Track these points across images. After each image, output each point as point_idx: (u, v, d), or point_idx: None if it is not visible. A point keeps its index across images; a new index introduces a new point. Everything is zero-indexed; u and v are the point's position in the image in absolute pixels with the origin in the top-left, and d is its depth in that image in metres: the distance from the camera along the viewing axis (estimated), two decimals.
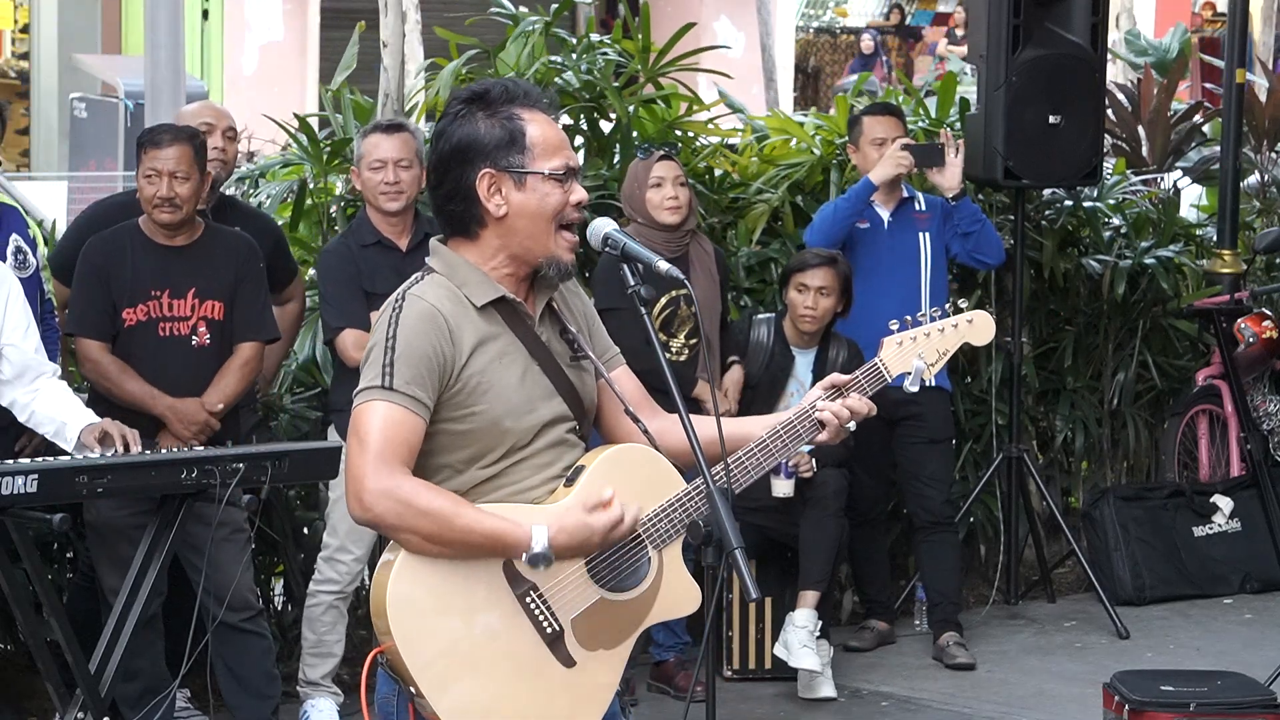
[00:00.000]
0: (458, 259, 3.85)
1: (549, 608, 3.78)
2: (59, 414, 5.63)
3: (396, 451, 3.70)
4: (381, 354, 3.74)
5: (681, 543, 3.91)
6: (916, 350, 4.14)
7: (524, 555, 3.72)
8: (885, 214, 7.72)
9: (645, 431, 3.93)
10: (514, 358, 3.83)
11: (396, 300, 3.81)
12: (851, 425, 4.02)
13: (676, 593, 3.91)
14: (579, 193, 3.85)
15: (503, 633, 3.75)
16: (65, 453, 5.67)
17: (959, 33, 25.30)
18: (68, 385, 5.81)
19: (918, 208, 7.78)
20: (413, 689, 3.73)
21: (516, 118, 3.81)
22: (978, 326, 4.21)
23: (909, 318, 4.19)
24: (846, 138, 8.21)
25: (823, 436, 4.00)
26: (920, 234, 7.72)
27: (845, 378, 4.05)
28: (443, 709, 3.71)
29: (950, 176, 7.71)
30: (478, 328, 3.80)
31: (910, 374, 4.12)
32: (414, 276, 3.87)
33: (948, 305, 4.30)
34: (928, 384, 4.20)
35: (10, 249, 6.25)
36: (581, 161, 8.05)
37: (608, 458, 3.88)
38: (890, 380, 4.12)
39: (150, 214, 6.26)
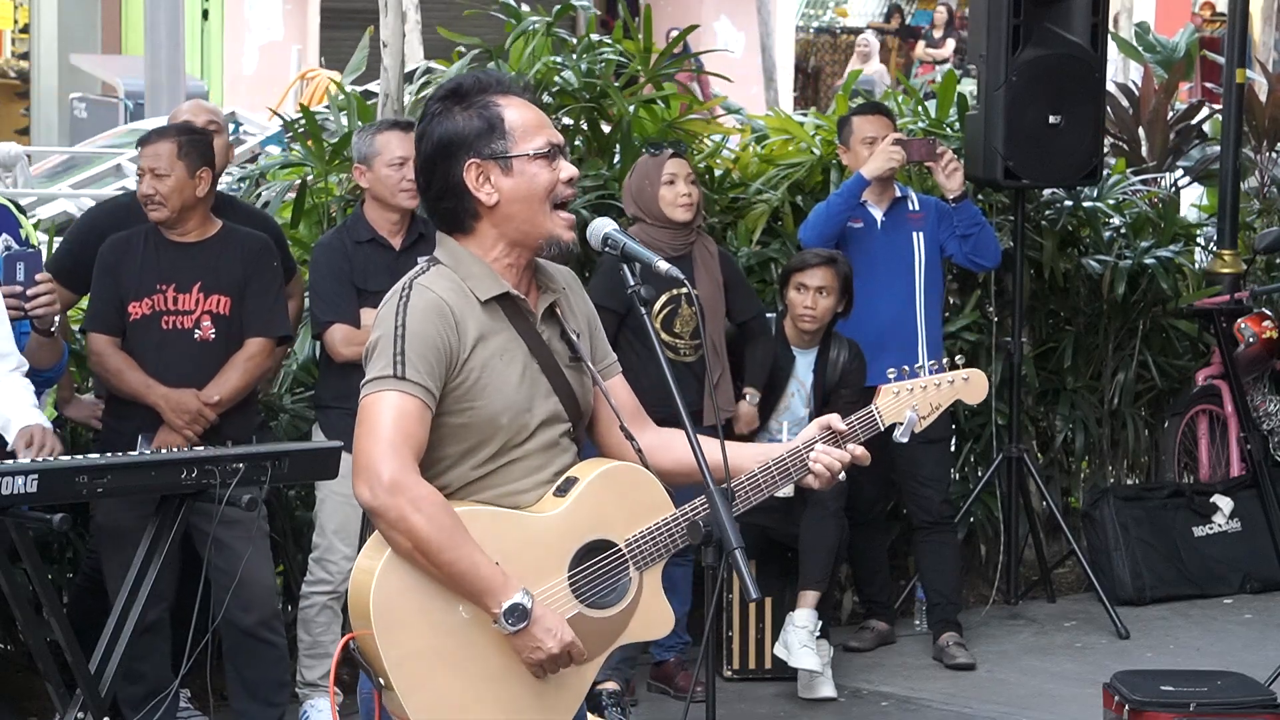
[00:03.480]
0: (463, 251, 3.85)
1: None
2: (4, 409, 5.61)
3: (408, 443, 3.69)
4: (391, 343, 3.73)
5: (662, 567, 3.91)
6: (911, 402, 4.15)
7: (503, 603, 3.68)
8: (878, 213, 7.71)
9: (639, 451, 3.92)
10: (514, 354, 3.83)
11: (403, 289, 3.80)
12: (842, 475, 4.03)
13: (652, 615, 3.91)
14: (568, 169, 3.85)
15: (479, 636, 3.75)
16: (66, 452, 5.67)
17: (937, 34, 25.26)
18: (28, 383, 5.77)
19: (911, 207, 7.78)
20: (382, 680, 3.72)
21: (493, 105, 3.81)
22: (972, 385, 4.24)
23: (906, 367, 4.21)
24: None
25: (811, 481, 4.01)
26: (914, 234, 7.72)
27: (843, 425, 4.04)
28: (411, 705, 3.71)
29: (954, 179, 7.71)
30: (480, 322, 3.80)
31: (902, 425, 4.14)
32: (418, 266, 3.87)
33: (944, 360, 4.31)
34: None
35: (0, 247, 6.24)
36: (582, 162, 8.06)
37: (602, 475, 3.87)
38: (881, 429, 4.12)
39: (145, 212, 6.31)
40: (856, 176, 7.58)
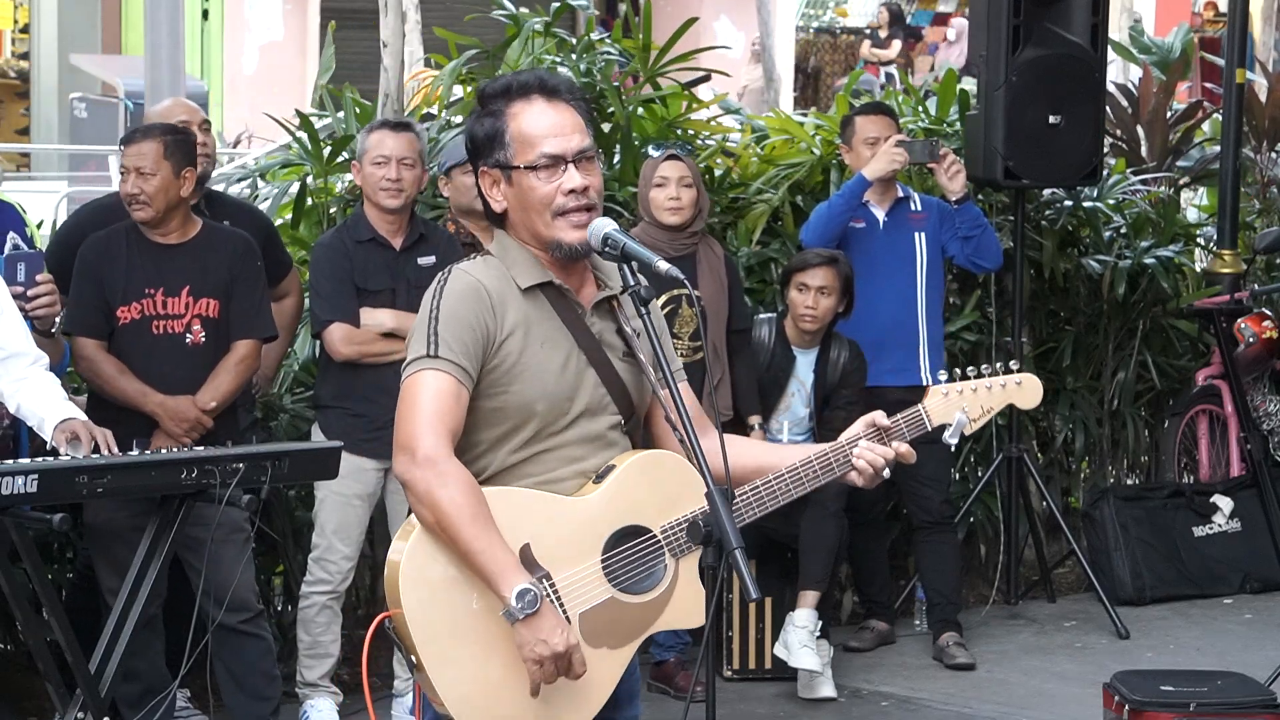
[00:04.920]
0: (510, 241, 3.91)
1: (559, 599, 3.79)
2: (40, 408, 5.58)
3: (445, 422, 3.75)
4: (427, 325, 3.79)
5: (698, 556, 3.91)
6: (961, 404, 4.13)
7: (516, 586, 3.68)
8: (880, 214, 7.71)
9: (681, 441, 3.91)
10: (557, 343, 3.85)
11: (443, 275, 3.87)
12: (886, 473, 4.02)
13: (687, 603, 3.93)
14: (571, 179, 3.84)
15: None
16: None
17: (883, 34, 25.21)
18: (55, 378, 5.77)
19: (913, 208, 7.78)
20: (414, 658, 3.74)
21: (501, 114, 3.85)
22: (1026, 389, 4.23)
23: (958, 371, 4.19)
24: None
25: (854, 478, 4.01)
26: (916, 234, 7.72)
27: (888, 421, 4.04)
28: (441, 684, 3.73)
29: (956, 181, 7.70)
30: (522, 309, 3.84)
31: (951, 426, 4.11)
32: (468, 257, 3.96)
33: (999, 365, 4.28)
34: (917, 377, 4.21)
35: (8, 246, 6.24)
36: None
37: (637, 462, 3.89)
38: (929, 429, 4.11)
39: (130, 212, 6.28)
40: (858, 178, 7.58)
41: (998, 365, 4.24)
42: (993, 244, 7.81)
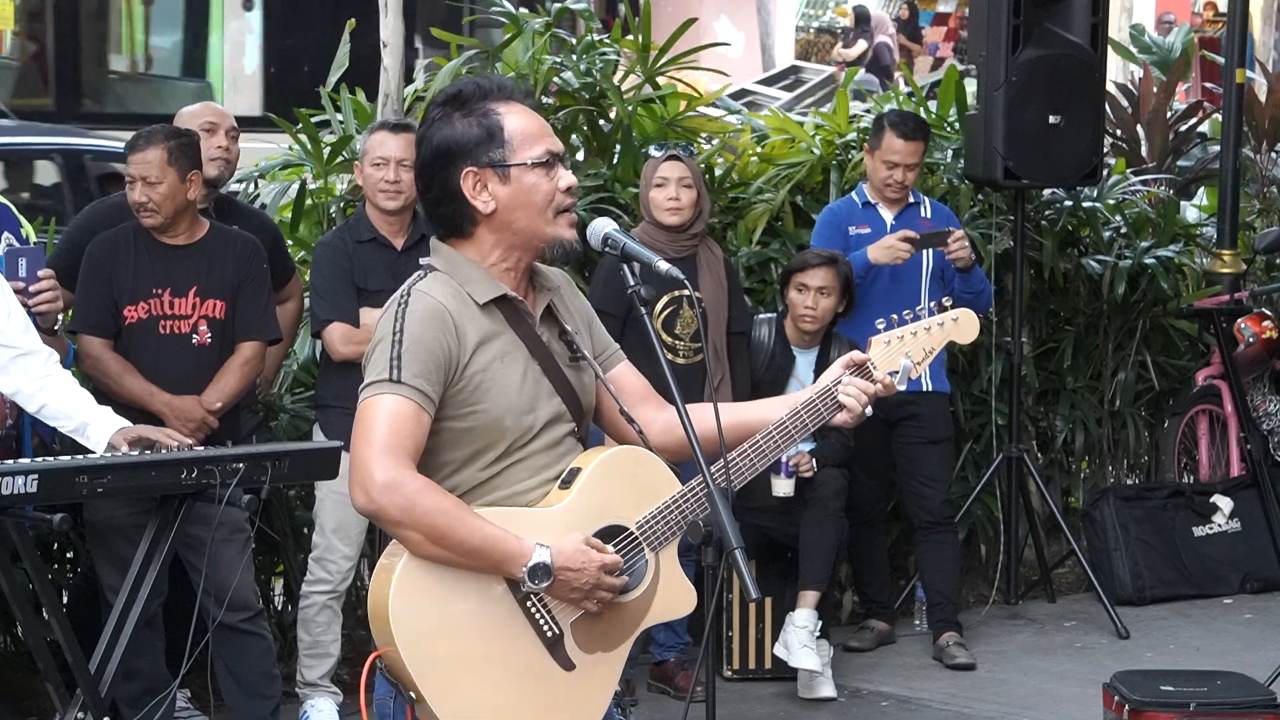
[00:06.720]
0: (459, 256, 3.85)
1: (549, 611, 3.78)
2: (77, 412, 5.55)
3: (403, 445, 3.69)
4: (389, 348, 3.73)
5: (678, 544, 3.91)
6: (903, 349, 4.14)
7: (525, 566, 3.70)
8: (889, 217, 7.70)
9: (640, 433, 3.93)
10: (515, 357, 3.83)
11: (402, 296, 3.80)
12: (869, 410, 4.02)
13: (673, 594, 3.92)
14: (566, 177, 3.84)
15: (503, 636, 3.75)
16: (72, 451, 5.64)
17: (852, 35, 25.19)
18: (73, 377, 5.75)
19: (923, 214, 7.76)
20: (413, 694, 3.72)
21: (493, 113, 3.81)
22: (962, 325, 4.21)
23: (895, 316, 4.20)
24: (844, 136, 8.25)
25: (842, 417, 3.99)
26: None
27: (862, 355, 4.05)
28: (444, 713, 3.71)
29: (958, 258, 7.57)
30: (480, 325, 3.80)
31: (898, 373, 4.13)
32: (416, 274, 3.87)
33: (933, 304, 4.28)
34: (918, 380, 4.20)
35: (2, 245, 6.23)
36: (581, 160, 8.06)
37: (604, 460, 3.87)
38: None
39: (138, 218, 6.27)
40: (863, 256, 7.50)
41: (932, 306, 4.24)
42: (986, 303, 7.78)
